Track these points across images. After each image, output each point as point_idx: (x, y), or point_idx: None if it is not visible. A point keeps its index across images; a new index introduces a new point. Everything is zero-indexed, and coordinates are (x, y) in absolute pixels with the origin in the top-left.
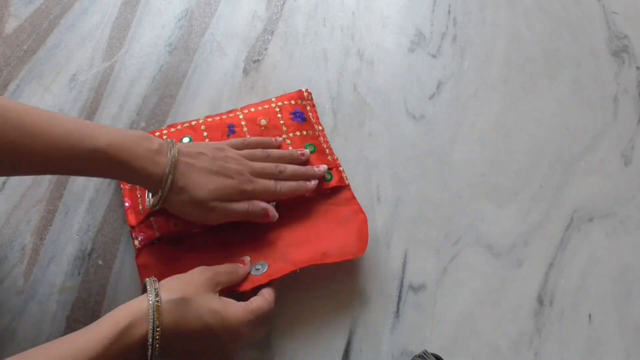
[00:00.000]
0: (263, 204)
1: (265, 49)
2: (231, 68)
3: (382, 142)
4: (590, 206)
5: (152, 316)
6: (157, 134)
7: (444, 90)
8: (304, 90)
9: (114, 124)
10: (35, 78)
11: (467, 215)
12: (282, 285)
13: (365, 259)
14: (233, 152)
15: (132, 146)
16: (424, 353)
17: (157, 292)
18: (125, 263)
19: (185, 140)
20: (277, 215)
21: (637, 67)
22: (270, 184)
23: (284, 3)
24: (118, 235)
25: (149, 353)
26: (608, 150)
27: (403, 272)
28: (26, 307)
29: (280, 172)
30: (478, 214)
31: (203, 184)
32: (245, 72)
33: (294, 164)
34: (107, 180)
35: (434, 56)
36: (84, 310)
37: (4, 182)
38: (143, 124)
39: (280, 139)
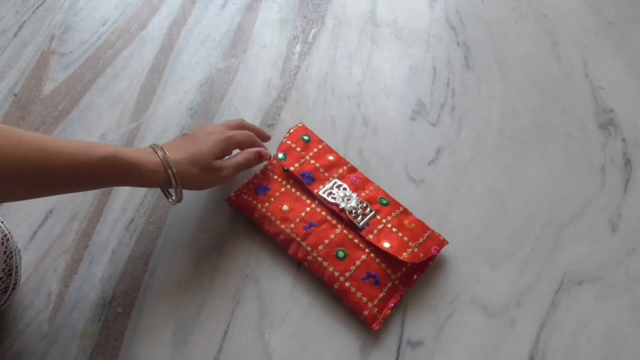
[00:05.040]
0: (254, 149)
1: (279, 115)
2: None
3: None
4: (579, 270)
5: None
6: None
7: (442, 157)
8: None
9: None
10: (68, 136)
11: (463, 275)
12: (286, 339)
13: None
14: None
15: (130, 150)
16: None
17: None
18: (142, 311)
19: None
20: (270, 153)
21: (623, 139)
22: (245, 132)
23: (296, 73)
24: (137, 285)
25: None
26: (596, 217)
27: (402, 328)
28: (49, 351)
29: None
30: (473, 275)
31: (198, 149)
32: None
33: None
34: (130, 232)
35: (433, 124)
36: (102, 355)
37: (34, 232)
38: None
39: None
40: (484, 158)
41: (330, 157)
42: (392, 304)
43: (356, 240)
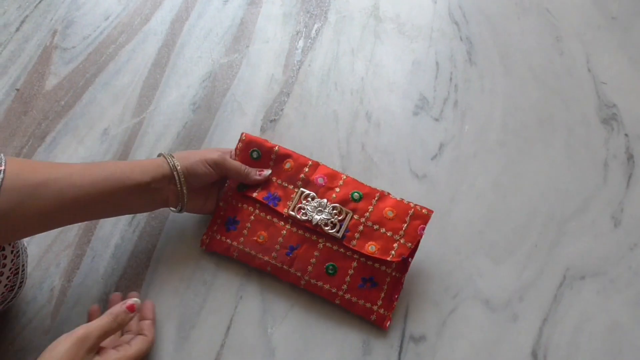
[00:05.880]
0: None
1: (281, 110)
2: (250, 126)
3: None
4: (582, 265)
5: None
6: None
7: (445, 152)
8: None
9: None
10: (70, 131)
11: (466, 270)
12: (289, 334)
13: None
14: None
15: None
16: None
17: None
18: None
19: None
20: (270, 171)
21: (626, 134)
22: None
23: (299, 68)
24: (140, 280)
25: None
26: (599, 212)
27: (405, 323)
28: None
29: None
30: (476, 270)
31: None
32: (263, 130)
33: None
34: (132, 227)
35: (436, 120)
36: None
37: None
38: None
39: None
40: (486, 153)
41: (288, 165)
42: (396, 296)
43: (342, 250)
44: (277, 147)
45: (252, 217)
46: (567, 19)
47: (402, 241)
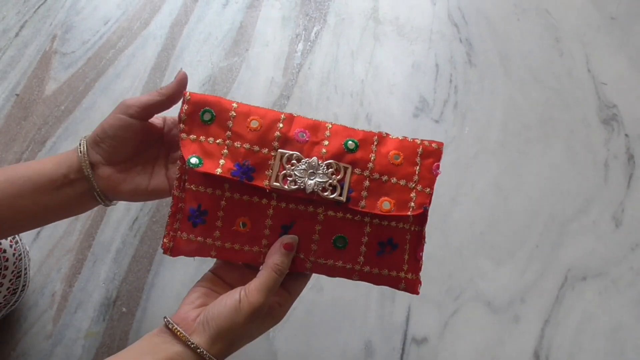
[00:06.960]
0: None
1: None
2: None
3: None
4: (583, 265)
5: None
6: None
7: (445, 153)
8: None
9: None
10: (70, 136)
11: (467, 271)
12: (290, 338)
13: (371, 311)
14: None
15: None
16: None
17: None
18: (147, 311)
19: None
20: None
21: (626, 135)
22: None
23: (299, 70)
24: (141, 284)
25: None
26: (599, 213)
27: (407, 325)
28: (53, 351)
29: None
30: (477, 271)
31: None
32: None
33: None
34: (134, 232)
35: (436, 121)
36: (107, 355)
37: (38, 232)
38: None
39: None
40: (487, 154)
41: (254, 123)
42: (420, 254)
43: (349, 216)
44: (235, 104)
45: (224, 202)
46: (566, 20)
47: (418, 188)
